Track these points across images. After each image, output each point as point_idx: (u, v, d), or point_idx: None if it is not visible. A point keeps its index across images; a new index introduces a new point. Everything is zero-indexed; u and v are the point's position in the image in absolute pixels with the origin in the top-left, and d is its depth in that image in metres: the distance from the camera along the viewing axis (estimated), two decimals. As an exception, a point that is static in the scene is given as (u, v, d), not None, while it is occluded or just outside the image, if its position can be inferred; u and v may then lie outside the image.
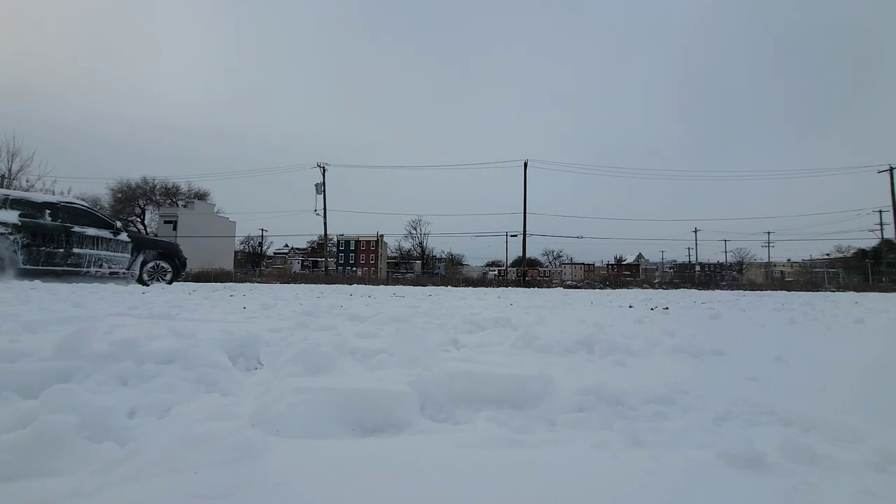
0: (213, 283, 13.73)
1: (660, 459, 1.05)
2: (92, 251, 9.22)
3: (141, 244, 10.21)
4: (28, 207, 8.68)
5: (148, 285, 9.65)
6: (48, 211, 8.88)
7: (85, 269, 9.17)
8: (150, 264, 10.29)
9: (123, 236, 9.84)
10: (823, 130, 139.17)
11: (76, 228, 9.10)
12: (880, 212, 37.00)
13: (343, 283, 19.36)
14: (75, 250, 9.00)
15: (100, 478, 0.91)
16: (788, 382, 1.91)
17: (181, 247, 11.31)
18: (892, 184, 30.10)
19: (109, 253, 9.52)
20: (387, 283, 23.65)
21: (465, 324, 3.50)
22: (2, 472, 0.93)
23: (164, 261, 10.55)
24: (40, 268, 8.59)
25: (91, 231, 9.28)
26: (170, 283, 10.53)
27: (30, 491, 0.86)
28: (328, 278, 24.71)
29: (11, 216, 8.37)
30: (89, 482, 0.89)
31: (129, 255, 9.86)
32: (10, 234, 8.26)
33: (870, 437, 1.24)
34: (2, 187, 23.10)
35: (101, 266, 9.38)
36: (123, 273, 9.82)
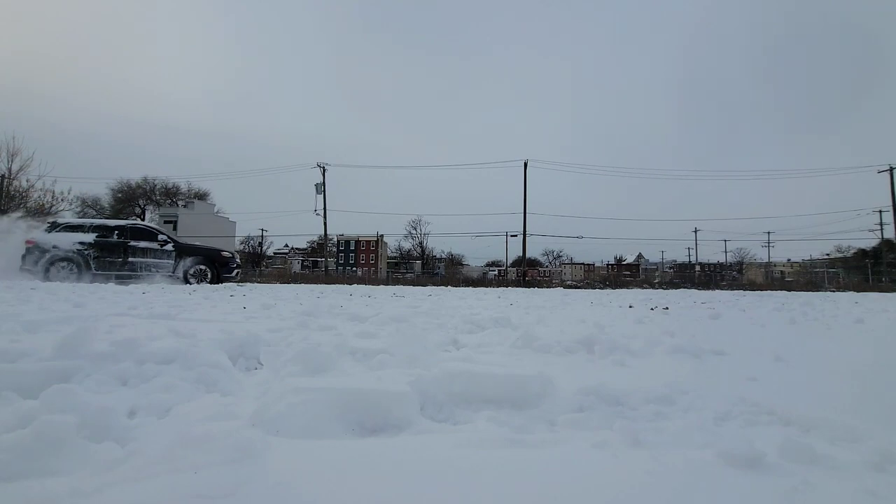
0: (213, 283, 13.92)
1: (660, 459, 1.05)
2: (142, 259, 11.75)
3: (183, 251, 12.12)
4: (103, 230, 11.72)
5: (190, 284, 11.61)
6: (116, 231, 11.75)
7: (138, 273, 11.58)
8: (193, 268, 12.03)
9: (169, 246, 12.02)
10: (823, 130, 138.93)
11: (132, 242, 11.74)
12: (880, 212, 36.92)
13: (343, 283, 19.35)
14: (130, 259, 11.65)
15: (100, 478, 0.91)
16: (788, 382, 1.91)
17: (225, 251, 12.85)
18: (892, 184, 30.08)
19: (156, 260, 11.85)
20: (387, 283, 23.63)
21: (465, 324, 3.50)
22: (2, 472, 0.93)
23: (204, 265, 12.21)
24: (106, 273, 11.34)
25: (143, 244, 11.81)
26: (210, 283, 11.84)
27: (30, 491, 0.86)
28: (328, 278, 24.69)
29: (90, 237, 11.43)
30: (89, 482, 0.89)
31: (172, 261, 11.95)
32: (86, 250, 11.32)
33: (870, 437, 1.24)
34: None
35: (150, 270, 11.71)
36: (169, 275, 11.79)
